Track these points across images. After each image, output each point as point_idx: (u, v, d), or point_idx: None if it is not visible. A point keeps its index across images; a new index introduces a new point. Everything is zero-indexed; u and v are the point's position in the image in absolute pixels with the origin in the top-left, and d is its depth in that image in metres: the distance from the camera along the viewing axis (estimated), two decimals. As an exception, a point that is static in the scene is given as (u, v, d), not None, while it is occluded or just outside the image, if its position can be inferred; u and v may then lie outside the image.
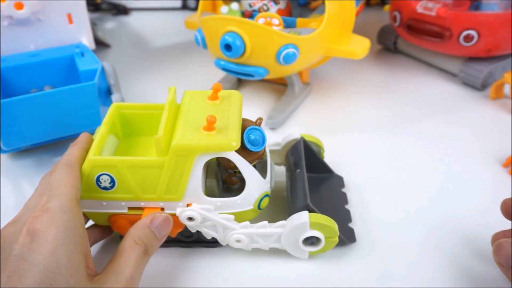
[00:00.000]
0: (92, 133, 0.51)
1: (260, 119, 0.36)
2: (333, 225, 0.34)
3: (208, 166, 0.37)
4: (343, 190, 0.42)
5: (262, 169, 0.37)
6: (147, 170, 0.32)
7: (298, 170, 0.38)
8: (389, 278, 0.35)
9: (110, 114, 0.37)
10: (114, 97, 0.48)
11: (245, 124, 0.35)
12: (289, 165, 0.40)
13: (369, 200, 0.42)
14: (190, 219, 0.34)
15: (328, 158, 0.47)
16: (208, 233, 0.35)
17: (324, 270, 0.36)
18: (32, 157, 0.48)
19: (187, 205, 0.34)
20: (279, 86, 0.61)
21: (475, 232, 0.39)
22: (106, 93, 0.48)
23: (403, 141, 0.50)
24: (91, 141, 0.35)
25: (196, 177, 0.32)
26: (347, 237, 0.37)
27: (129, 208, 0.34)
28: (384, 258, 0.36)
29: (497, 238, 0.34)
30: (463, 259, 0.36)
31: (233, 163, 0.33)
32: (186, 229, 0.35)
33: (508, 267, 0.30)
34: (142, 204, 0.34)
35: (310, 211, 0.34)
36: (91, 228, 0.37)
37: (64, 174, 0.31)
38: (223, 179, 0.38)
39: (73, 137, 0.49)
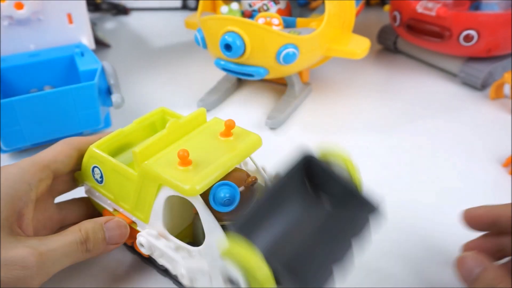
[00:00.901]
0: (93, 133, 0.51)
1: (254, 178, 0.29)
2: (257, 263, 0.23)
3: None
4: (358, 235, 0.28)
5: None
6: (123, 179, 0.31)
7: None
8: (389, 278, 0.35)
9: (151, 114, 0.37)
10: (114, 97, 0.48)
11: (234, 175, 0.29)
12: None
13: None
14: (141, 245, 0.31)
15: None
16: (161, 262, 0.31)
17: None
18: (32, 157, 0.48)
19: None
20: (279, 86, 0.61)
21: (474, 231, 0.39)
22: (106, 93, 0.48)
23: (403, 141, 0.50)
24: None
25: (159, 209, 0.30)
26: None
27: (114, 209, 0.34)
28: (384, 258, 0.36)
29: (468, 247, 0.33)
30: (463, 259, 0.36)
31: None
32: None
33: (470, 284, 0.28)
34: (120, 210, 0.33)
35: (236, 233, 0.25)
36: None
37: (57, 146, 0.33)
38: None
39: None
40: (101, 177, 0.33)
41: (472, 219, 0.33)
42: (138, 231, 0.32)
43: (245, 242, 0.24)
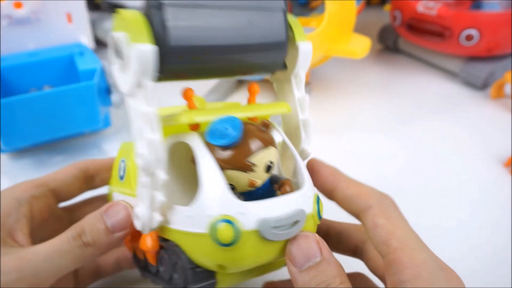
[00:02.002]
0: (93, 133, 0.51)
1: (267, 120, 0.25)
2: None
3: None
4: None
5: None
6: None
7: None
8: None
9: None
10: (113, 96, 0.48)
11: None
12: None
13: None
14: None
15: (328, 158, 0.47)
16: None
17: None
18: (32, 157, 0.48)
19: None
20: (279, 85, 0.60)
21: (474, 232, 0.38)
22: (105, 93, 0.48)
23: (403, 141, 0.50)
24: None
25: None
26: None
27: None
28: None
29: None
30: (461, 259, 0.36)
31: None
32: None
33: (300, 269, 0.23)
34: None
35: None
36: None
37: (62, 168, 0.31)
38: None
39: (73, 137, 0.49)
40: (124, 170, 0.27)
41: (314, 171, 0.28)
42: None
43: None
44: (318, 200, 0.25)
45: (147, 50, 0.21)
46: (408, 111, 0.55)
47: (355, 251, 0.29)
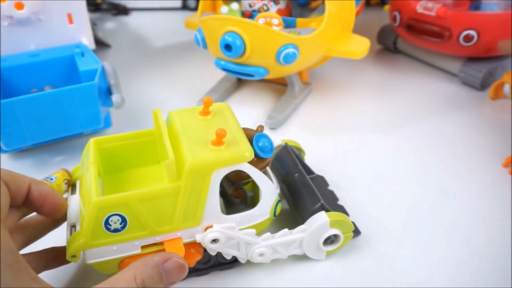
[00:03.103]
0: (93, 133, 0.51)
1: (261, 126, 0.35)
2: (348, 220, 0.35)
3: None
4: (329, 188, 0.43)
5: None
6: (161, 200, 0.30)
7: (297, 175, 0.38)
8: (389, 279, 0.35)
9: (93, 151, 0.33)
10: (114, 97, 0.48)
11: (249, 133, 0.33)
12: (279, 171, 0.40)
13: (369, 199, 0.42)
14: (214, 241, 0.32)
15: (328, 157, 0.47)
16: (230, 253, 0.33)
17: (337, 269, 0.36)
18: (32, 157, 0.48)
19: (206, 229, 0.32)
20: (279, 86, 0.61)
21: (474, 231, 0.39)
22: (106, 93, 0.48)
23: (403, 141, 0.50)
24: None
25: (214, 196, 0.31)
26: (353, 230, 0.37)
27: (142, 247, 0.31)
28: (384, 259, 0.36)
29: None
30: (460, 259, 0.36)
31: (244, 174, 0.32)
32: (204, 254, 0.33)
33: None
34: (157, 239, 0.31)
35: (326, 210, 0.35)
36: (55, 248, 0.33)
37: None
38: (230, 194, 0.37)
39: (73, 137, 0.50)
40: (123, 221, 0.29)
41: None
42: (184, 245, 0.31)
43: (332, 211, 0.35)
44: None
45: None
46: (407, 111, 0.55)
47: None
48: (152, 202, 0.29)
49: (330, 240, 0.35)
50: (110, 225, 0.29)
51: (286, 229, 0.34)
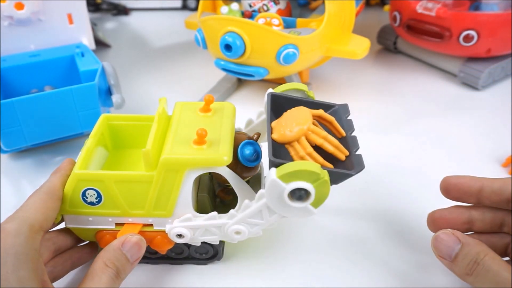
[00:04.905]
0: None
1: (258, 134, 0.34)
2: (309, 166, 0.28)
3: (200, 180, 0.35)
4: (349, 117, 0.37)
5: (255, 182, 0.36)
6: (135, 185, 0.31)
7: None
8: (389, 278, 0.35)
9: (98, 125, 0.36)
10: (114, 97, 0.48)
11: (239, 138, 0.33)
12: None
13: (368, 198, 0.42)
14: (180, 236, 0.32)
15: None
16: (209, 239, 0.33)
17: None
18: (32, 157, 0.48)
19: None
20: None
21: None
22: (106, 94, 0.48)
23: (403, 141, 0.50)
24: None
25: (186, 193, 0.31)
26: (354, 164, 0.31)
27: (117, 224, 0.33)
28: (385, 258, 0.36)
29: (433, 218, 0.34)
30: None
31: (224, 177, 0.32)
32: (177, 245, 0.34)
33: (451, 259, 0.29)
34: (129, 220, 0.33)
35: (277, 165, 0.29)
36: (78, 248, 0.35)
37: (39, 200, 0.30)
38: (216, 194, 0.37)
39: (73, 137, 0.50)
40: (98, 196, 0.32)
41: (451, 185, 0.34)
42: (154, 232, 0.33)
43: (285, 163, 0.29)
44: None
45: None
46: (407, 112, 0.55)
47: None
48: (126, 185, 0.31)
49: (299, 195, 0.29)
50: (87, 198, 0.32)
51: (247, 200, 0.31)
